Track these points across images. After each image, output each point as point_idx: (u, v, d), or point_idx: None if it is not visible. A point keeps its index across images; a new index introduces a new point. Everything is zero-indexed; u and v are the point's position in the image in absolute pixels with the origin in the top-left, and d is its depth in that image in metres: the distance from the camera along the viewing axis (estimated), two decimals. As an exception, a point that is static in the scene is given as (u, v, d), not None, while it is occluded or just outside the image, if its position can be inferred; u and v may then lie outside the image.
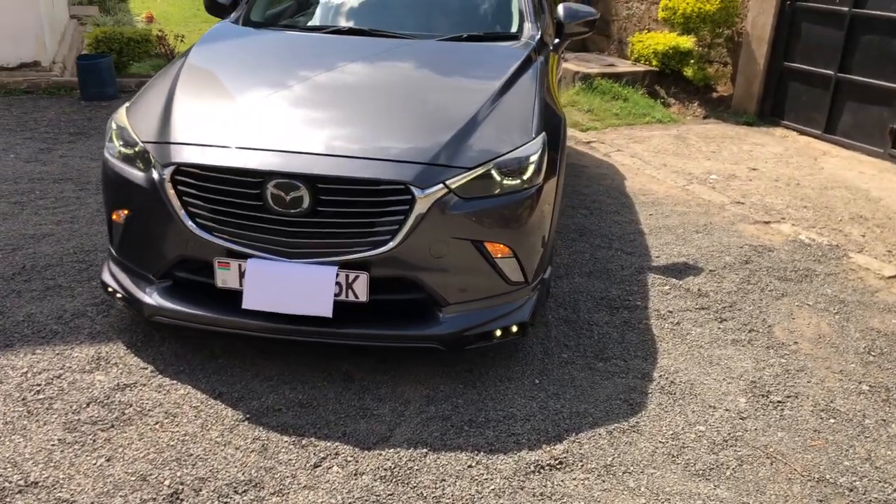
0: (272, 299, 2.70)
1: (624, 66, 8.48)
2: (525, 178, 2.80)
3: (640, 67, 8.41)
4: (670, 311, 3.55)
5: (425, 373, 2.94)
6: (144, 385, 2.78)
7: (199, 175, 2.68)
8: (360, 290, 2.69)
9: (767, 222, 4.86)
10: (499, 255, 2.79)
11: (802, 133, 7.23)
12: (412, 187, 2.60)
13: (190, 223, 2.71)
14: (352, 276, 2.67)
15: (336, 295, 2.68)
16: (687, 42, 8.16)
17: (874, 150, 6.59)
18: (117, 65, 7.38)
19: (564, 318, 3.42)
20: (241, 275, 2.71)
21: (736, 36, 8.02)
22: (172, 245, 2.79)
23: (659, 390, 2.92)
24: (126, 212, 2.85)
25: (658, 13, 8.24)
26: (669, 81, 8.39)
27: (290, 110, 2.96)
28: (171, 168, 2.69)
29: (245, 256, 2.70)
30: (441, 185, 2.65)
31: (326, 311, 2.68)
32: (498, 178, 2.75)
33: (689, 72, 8.17)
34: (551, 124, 3.13)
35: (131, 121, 2.93)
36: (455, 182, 2.67)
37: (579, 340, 3.25)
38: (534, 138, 2.89)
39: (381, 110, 2.97)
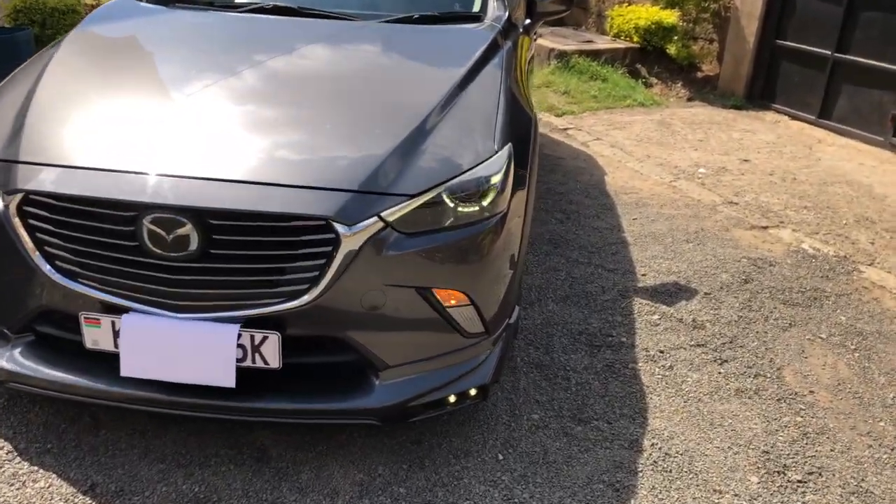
0: (157, 366, 2.07)
1: (603, 43, 7.84)
2: (485, 203, 2.18)
3: (620, 44, 7.78)
4: (661, 351, 2.98)
5: (360, 448, 2.34)
6: (-5, 473, 2.15)
7: (54, 207, 2.02)
8: (271, 354, 2.07)
9: (765, 227, 4.30)
10: (452, 304, 2.19)
11: (795, 118, 6.68)
12: (336, 224, 1.98)
13: (46, 267, 2.05)
14: (258, 336, 2.05)
15: (239, 360, 2.06)
16: (671, 16, 7.54)
17: (873, 137, 6.07)
18: (39, 38, 6.57)
19: (536, 362, 2.84)
20: (116, 334, 2.07)
21: (723, 11, 7.42)
22: (28, 294, 2.14)
23: (651, 466, 2.36)
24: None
25: (640, -15, 7.59)
26: (652, 59, 7.78)
27: (181, 119, 2.28)
28: (18, 197, 2.03)
29: (121, 310, 2.06)
30: (375, 219, 2.02)
31: (227, 380, 2.06)
32: (450, 205, 2.13)
33: (672, 49, 7.57)
34: (520, 129, 2.51)
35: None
36: (394, 214, 2.04)
37: (553, 393, 2.67)
38: (497, 151, 2.27)
39: (300, 119, 2.31)
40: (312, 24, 2.93)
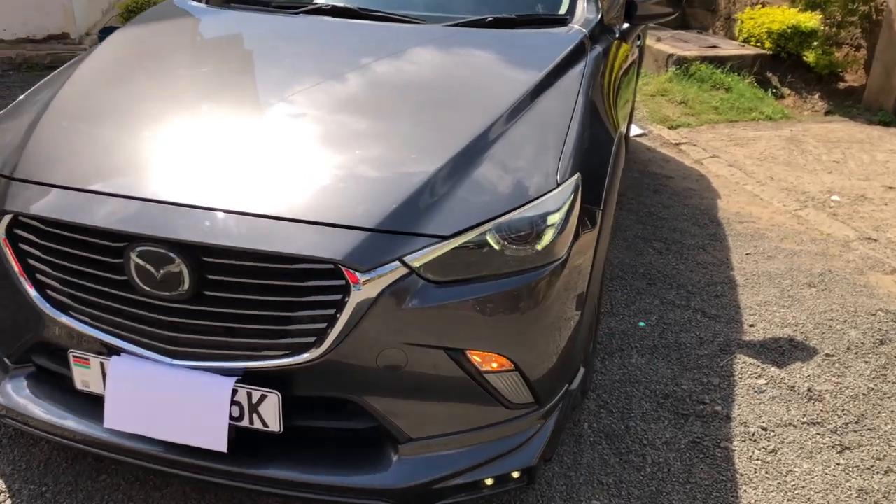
0: (142, 419, 1.80)
1: (729, 49, 7.12)
2: (540, 247, 1.77)
3: (748, 50, 7.04)
4: (763, 428, 2.44)
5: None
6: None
7: (43, 231, 1.79)
8: (270, 415, 1.75)
9: (911, 273, 3.61)
10: (493, 369, 1.80)
11: (956, 139, 5.75)
12: (346, 268, 1.63)
13: (35, 295, 1.84)
14: (257, 394, 1.74)
15: (234, 419, 1.76)
16: (811, 20, 6.73)
17: None
18: (148, 37, 6.67)
19: (607, 431, 2.38)
20: (105, 377, 1.82)
21: (874, 13, 6.54)
22: (22, 322, 1.93)
23: (737, 589, 1.87)
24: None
25: (776, -16, 6.82)
26: (785, 68, 6.99)
27: (195, 138, 1.98)
28: (8, 218, 1.81)
29: (113, 350, 1.81)
30: (396, 264, 1.66)
31: (218, 442, 1.76)
32: (496, 248, 1.73)
33: (810, 56, 6.75)
34: (596, 154, 2.07)
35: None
36: (420, 258, 1.67)
37: (623, 474, 2.21)
38: (559, 185, 1.85)
39: (324, 142, 1.96)
40: (367, 29, 2.60)
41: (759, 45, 7.06)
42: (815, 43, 6.73)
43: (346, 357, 1.70)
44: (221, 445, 1.76)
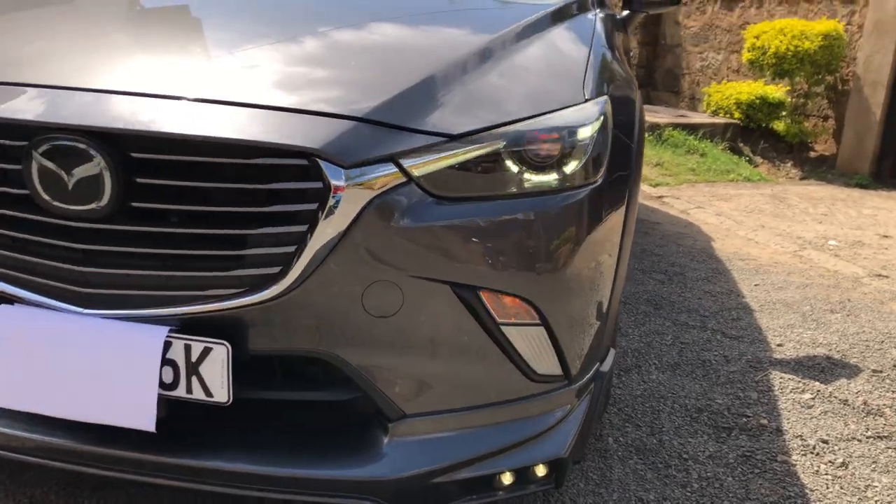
0: (39, 392, 1.31)
1: (700, 118, 7.12)
2: (568, 169, 1.40)
3: (719, 119, 7.02)
4: (823, 441, 2.02)
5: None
6: None
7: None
8: (215, 377, 1.28)
9: (934, 303, 3.30)
10: (512, 320, 1.37)
11: (937, 198, 5.67)
12: (325, 164, 1.22)
13: None
14: (198, 347, 1.27)
15: (166, 387, 1.29)
16: (777, 91, 6.78)
17: None
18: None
19: (636, 445, 1.93)
20: (-12, 336, 1.34)
21: (839, 84, 6.61)
22: None
23: None
24: None
25: (742, 56, 6.91)
26: (755, 137, 6.97)
27: (124, 28, 1.60)
28: None
29: (6, 300, 1.35)
30: (389, 166, 1.26)
31: (142, 419, 1.28)
32: (512, 168, 1.35)
33: (780, 126, 6.76)
34: (620, 90, 1.74)
35: None
36: (421, 165, 1.28)
37: (665, 490, 1.75)
38: (587, 99, 1.50)
39: (302, 37, 1.59)
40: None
41: (728, 115, 7.06)
42: (784, 113, 6.75)
43: (320, 294, 1.27)
44: (148, 423, 1.28)
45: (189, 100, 1.28)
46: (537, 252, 1.37)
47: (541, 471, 1.44)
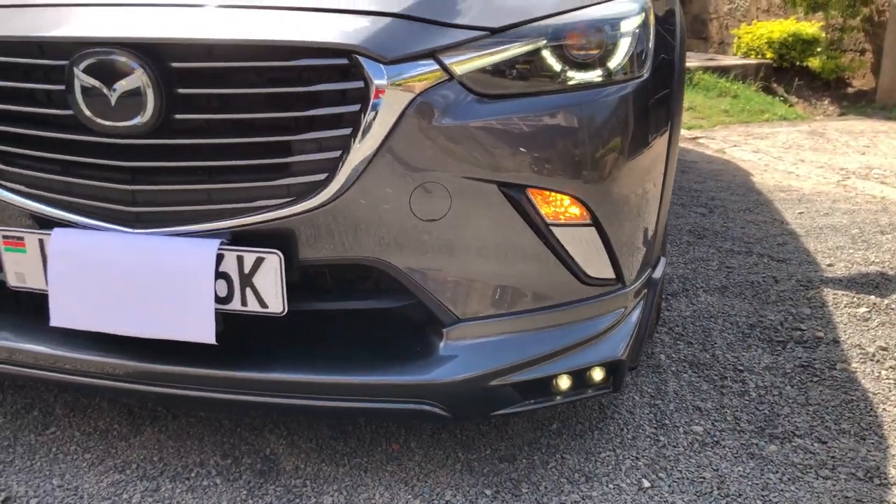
0: (98, 311, 1.33)
1: (731, 60, 6.94)
2: (612, 64, 1.36)
3: (751, 60, 6.84)
4: (883, 348, 1.97)
5: (418, 463, 1.49)
6: None
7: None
8: (269, 287, 1.28)
9: None
10: (562, 220, 1.35)
11: (983, 124, 5.47)
12: (366, 60, 1.20)
13: (-42, 165, 1.39)
14: (250, 257, 1.27)
15: (221, 300, 1.29)
16: (810, 27, 6.57)
17: None
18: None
19: (689, 360, 1.91)
20: (45, 261, 1.36)
21: (875, 15, 6.39)
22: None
23: (915, 509, 1.36)
24: None
25: (772, -7, 6.70)
26: (789, 76, 6.78)
27: None
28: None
29: (53, 224, 1.36)
30: (430, 63, 1.24)
31: (203, 332, 1.29)
32: (554, 65, 1.32)
33: (815, 63, 6.57)
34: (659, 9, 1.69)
35: None
36: (462, 60, 1.26)
37: (722, 399, 1.73)
38: (627, -6, 1.46)
39: None
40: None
41: (759, 56, 6.88)
42: (819, 49, 6.56)
43: (367, 199, 1.26)
44: (208, 335, 1.28)
45: (226, 6, 1.26)
46: (585, 149, 1.33)
47: (598, 374, 1.43)
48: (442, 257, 1.31)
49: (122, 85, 1.24)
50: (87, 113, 1.26)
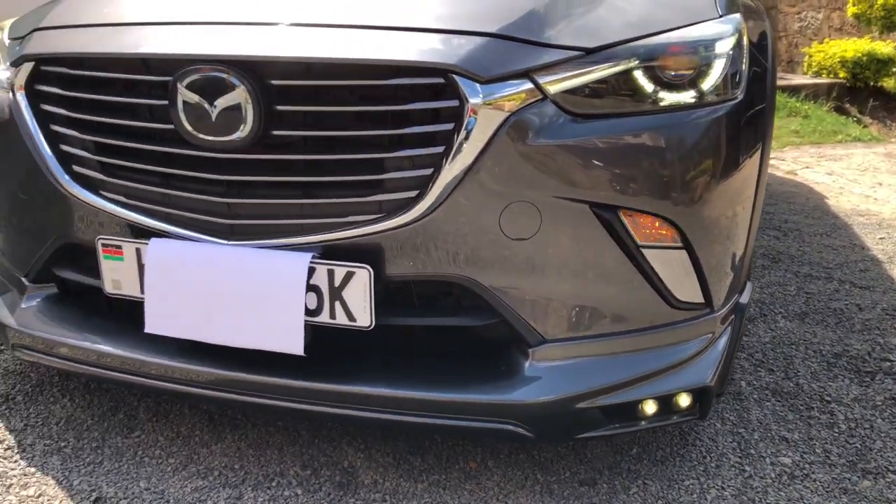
0: (191, 320, 1.36)
1: (801, 79, 6.77)
2: (705, 85, 1.34)
3: (822, 80, 6.66)
4: (981, 383, 1.88)
5: (497, 483, 1.48)
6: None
7: (69, 78, 1.42)
8: (358, 301, 1.30)
9: None
10: (653, 242, 1.33)
11: None
12: (462, 79, 1.21)
13: (61, 174, 1.45)
14: (341, 271, 1.29)
15: (310, 312, 1.31)
16: (886, 46, 6.37)
17: None
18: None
19: (772, 388, 1.85)
20: (142, 270, 1.40)
21: (957, 34, 6.16)
22: (43, 219, 1.54)
23: None
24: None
25: (847, 11, 6.54)
26: (863, 97, 6.57)
27: None
28: (27, 70, 1.45)
29: (150, 234, 1.40)
30: (525, 82, 1.24)
31: (292, 343, 1.31)
32: (647, 86, 1.30)
33: (890, 83, 6.36)
34: (751, 13, 1.66)
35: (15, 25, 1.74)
36: (556, 79, 1.25)
37: (810, 431, 1.67)
38: (721, 15, 1.43)
39: None
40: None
41: (831, 75, 6.69)
42: (894, 70, 6.35)
43: (457, 217, 1.26)
44: (297, 347, 1.30)
45: (325, 26, 1.29)
46: (678, 171, 1.32)
47: (684, 400, 1.40)
48: (530, 277, 1.30)
49: (224, 101, 1.27)
50: (188, 127, 1.30)
